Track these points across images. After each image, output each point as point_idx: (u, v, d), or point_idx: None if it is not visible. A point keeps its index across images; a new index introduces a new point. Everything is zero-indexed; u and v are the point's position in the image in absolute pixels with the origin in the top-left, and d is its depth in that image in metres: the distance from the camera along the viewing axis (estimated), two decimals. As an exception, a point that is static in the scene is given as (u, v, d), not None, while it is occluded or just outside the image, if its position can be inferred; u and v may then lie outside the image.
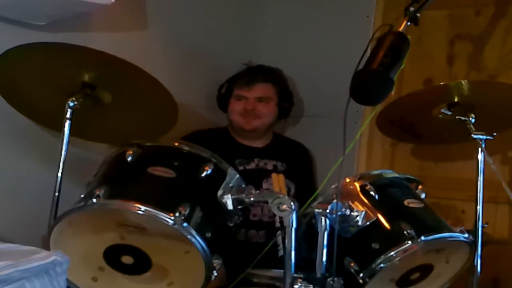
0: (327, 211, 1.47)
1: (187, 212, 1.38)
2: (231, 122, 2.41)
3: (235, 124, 2.38)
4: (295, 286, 1.43)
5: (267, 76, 2.41)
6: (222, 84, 2.45)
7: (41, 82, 1.70)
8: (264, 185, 2.26)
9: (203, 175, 1.50)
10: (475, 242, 1.72)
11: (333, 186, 1.58)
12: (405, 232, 1.52)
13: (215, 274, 1.43)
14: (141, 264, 1.47)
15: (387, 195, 1.66)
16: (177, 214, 1.36)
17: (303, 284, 1.44)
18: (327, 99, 2.45)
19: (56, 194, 1.65)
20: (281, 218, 1.42)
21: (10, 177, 1.91)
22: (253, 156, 2.36)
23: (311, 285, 1.45)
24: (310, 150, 2.57)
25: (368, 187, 1.63)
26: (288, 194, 1.57)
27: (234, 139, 2.42)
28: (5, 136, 1.89)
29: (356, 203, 1.56)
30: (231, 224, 1.53)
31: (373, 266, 1.51)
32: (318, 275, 1.48)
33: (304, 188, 2.32)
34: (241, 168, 2.27)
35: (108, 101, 1.73)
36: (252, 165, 2.33)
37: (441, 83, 1.92)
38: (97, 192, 1.39)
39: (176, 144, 1.58)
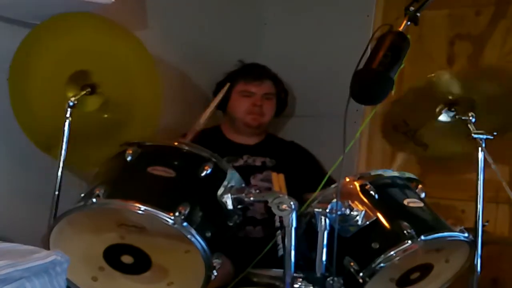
0: (327, 210, 1.47)
1: (187, 211, 1.38)
2: (233, 120, 2.38)
3: (239, 122, 2.37)
4: (295, 285, 1.43)
5: (269, 73, 2.43)
6: (220, 81, 2.43)
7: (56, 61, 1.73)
8: (252, 181, 2.26)
9: (203, 174, 1.50)
10: (475, 242, 1.72)
11: (333, 186, 1.59)
12: (405, 231, 1.52)
13: (215, 274, 1.43)
14: (141, 264, 1.47)
15: (387, 194, 1.66)
16: (177, 213, 1.36)
17: (303, 284, 1.45)
18: (327, 99, 2.46)
19: (56, 193, 1.66)
20: (281, 217, 1.42)
21: (10, 176, 1.91)
22: (242, 153, 2.35)
23: (311, 285, 1.45)
24: (308, 149, 2.55)
25: (368, 186, 1.63)
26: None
27: (225, 136, 2.41)
28: (5, 136, 1.89)
29: (356, 202, 1.56)
30: (231, 224, 1.53)
31: (373, 265, 1.51)
32: (318, 274, 1.48)
33: (299, 187, 2.31)
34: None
35: (95, 107, 1.76)
36: (240, 162, 2.32)
37: (432, 74, 1.89)
38: (97, 192, 1.39)
39: (176, 143, 1.58)
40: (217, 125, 2.47)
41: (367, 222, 1.54)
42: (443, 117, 1.89)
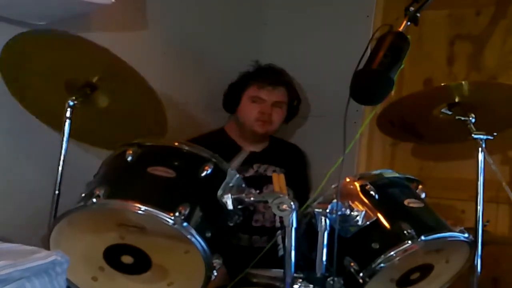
0: (327, 211, 1.47)
1: (187, 212, 1.38)
2: (241, 125, 2.35)
3: (247, 127, 2.33)
4: (295, 286, 1.43)
5: (285, 80, 2.39)
6: (232, 83, 2.39)
7: (45, 73, 1.71)
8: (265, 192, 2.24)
9: (203, 175, 1.50)
10: (475, 242, 1.72)
11: (333, 186, 1.58)
12: (405, 232, 1.52)
13: (215, 274, 1.43)
14: (141, 264, 1.47)
15: (387, 195, 1.66)
16: (177, 213, 1.36)
17: (303, 284, 1.45)
18: (327, 99, 2.46)
19: (56, 193, 1.66)
20: (281, 218, 1.42)
21: (10, 176, 1.91)
22: (252, 161, 2.32)
23: (311, 285, 1.45)
24: (308, 149, 2.56)
25: (368, 187, 1.63)
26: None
27: (235, 142, 2.38)
28: (5, 136, 1.89)
29: (356, 203, 1.56)
30: (231, 224, 1.53)
31: (373, 265, 1.51)
32: (318, 275, 1.48)
33: (299, 193, 2.31)
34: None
35: (104, 104, 1.75)
36: (251, 172, 2.30)
37: (442, 84, 1.92)
38: (97, 192, 1.39)
39: (176, 144, 1.58)
40: (221, 128, 2.44)
41: (367, 223, 1.54)
42: (442, 116, 1.89)
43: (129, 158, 1.51)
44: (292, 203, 1.39)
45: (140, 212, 1.36)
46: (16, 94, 1.79)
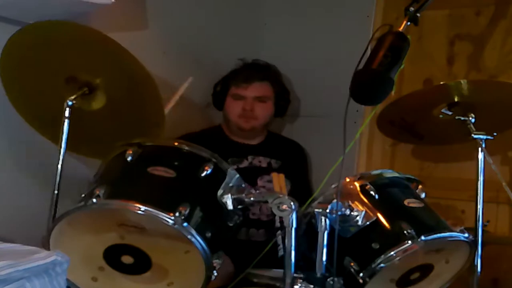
0: (327, 211, 1.47)
1: (187, 212, 1.38)
2: (228, 121, 2.39)
3: (232, 124, 2.37)
4: (295, 286, 1.43)
5: (264, 74, 2.39)
6: (217, 82, 2.43)
7: (45, 71, 1.70)
8: (259, 183, 2.25)
9: (203, 175, 1.50)
10: (475, 242, 1.72)
11: (333, 186, 1.58)
12: (405, 232, 1.52)
13: (215, 274, 1.43)
14: (141, 264, 1.47)
15: (387, 195, 1.66)
16: (177, 214, 1.36)
17: (303, 284, 1.44)
18: (327, 99, 2.46)
19: (56, 193, 1.66)
20: (281, 218, 1.42)
21: (10, 176, 1.91)
22: (246, 153, 2.34)
23: (311, 285, 1.45)
24: (308, 149, 2.56)
25: (368, 187, 1.63)
26: (284, 192, 1.57)
27: (228, 137, 2.41)
28: (4, 135, 1.89)
29: (356, 203, 1.56)
30: (231, 224, 1.52)
31: (373, 266, 1.51)
32: (318, 275, 1.48)
33: (299, 186, 2.31)
34: (234, 167, 2.25)
35: (100, 105, 1.74)
36: (245, 163, 2.32)
37: (441, 83, 1.92)
38: (97, 192, 1.39)
39: (176, 143, 1.58)
40: (217, 124, 2.47)
41: (367, 223, 1.54)
42: (442, 116, 1.89)
43: (129, 158, 1.51)
44: (292, 203, 1.39)
45: (140, 212, 1.36)
46: (13, 100, 1.79)
